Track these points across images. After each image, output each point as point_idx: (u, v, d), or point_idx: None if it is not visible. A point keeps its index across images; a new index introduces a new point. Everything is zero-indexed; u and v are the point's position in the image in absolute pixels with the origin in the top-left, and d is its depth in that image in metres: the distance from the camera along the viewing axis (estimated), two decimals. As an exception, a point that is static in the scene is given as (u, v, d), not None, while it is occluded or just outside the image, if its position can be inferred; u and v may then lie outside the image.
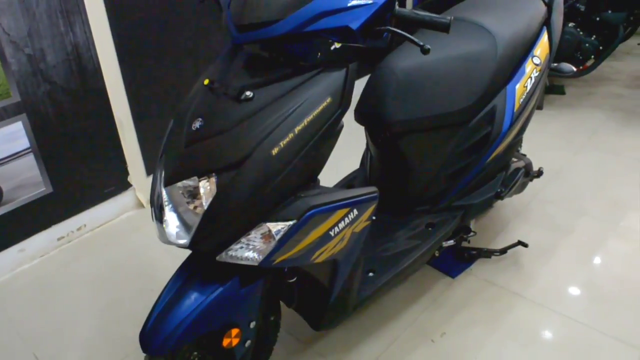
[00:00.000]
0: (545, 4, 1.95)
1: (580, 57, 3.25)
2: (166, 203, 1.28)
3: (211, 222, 1.19)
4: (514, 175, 1.93)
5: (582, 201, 2.46)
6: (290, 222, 1.20)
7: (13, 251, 2.24)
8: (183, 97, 2.65)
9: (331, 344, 1.80)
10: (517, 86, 1.77)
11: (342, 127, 1.30)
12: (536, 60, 1.83)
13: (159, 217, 1.30)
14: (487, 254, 2.07)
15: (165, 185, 1.24)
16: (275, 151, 1.17)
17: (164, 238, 1.28)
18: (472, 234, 1.95)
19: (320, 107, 1.21)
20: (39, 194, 2.24)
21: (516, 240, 2.08)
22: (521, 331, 1.81)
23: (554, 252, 2.15)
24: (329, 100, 1.22)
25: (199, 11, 2.51)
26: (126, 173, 2.52)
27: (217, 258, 1.24)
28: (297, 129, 1.18)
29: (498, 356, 1.73)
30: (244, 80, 1.24)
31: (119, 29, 2.25)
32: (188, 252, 1.35)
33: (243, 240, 1.21)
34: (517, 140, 1.89)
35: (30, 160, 2.16)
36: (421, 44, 1.18)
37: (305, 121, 1.19)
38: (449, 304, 1.94)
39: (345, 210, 1.28)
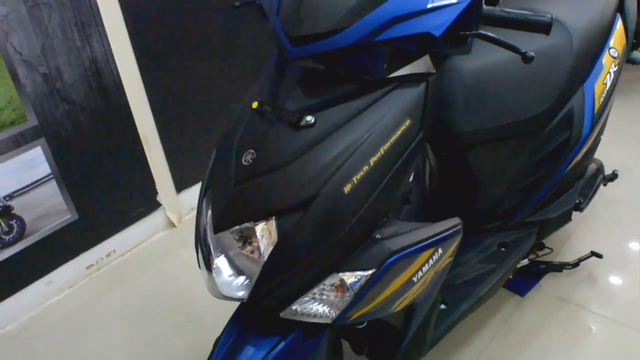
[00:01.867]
0: (619, -13, 1.69)
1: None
2: (216, 251, 1.06)
3: (273, 275, 0.97)
4: (592, 182, 1.68)
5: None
6: (369, 272, 0.97)
7: (40, 284, 2.04)
8: (214, 108, 2.47)
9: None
10: (596, 84, 1.52)
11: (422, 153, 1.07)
12: (613, 53, 1.58)
13: (207, 265, 1.08)
14: (558, 267, 1.83)
15: (216, 232, 1.02)
16: (347, 188, 0.93)
17: (216, 291, 1.06)
18: (548, 251, 1.72)
19: (399, 132, 0.97)
20: (64, 222, 2.03)
21: (588, 251, 1.84)
22: (607, 357, 1.58)
23: (630, 262, 1.90)
24: (408, 122, 0.98)
25: (226, 17, 2.27)
26: (154, 192, 2.30)
27: (281, 314, 1.02)
28: (373, 160, 0.95)
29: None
30: (300, 102, 1.01)
31: (139, 39, 2.02)
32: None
33: (311, 293, 0.99)
34: (596, 144, 1.64)
35: (52, 187, 1.96)
36: (523, 51, 0.94)
37: (382, 150, 0.96)
38: (522, 327, 1.70)
39: (430, 252, 1.05)
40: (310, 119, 0.97)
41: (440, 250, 1.08)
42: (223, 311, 1.95)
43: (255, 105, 1.05)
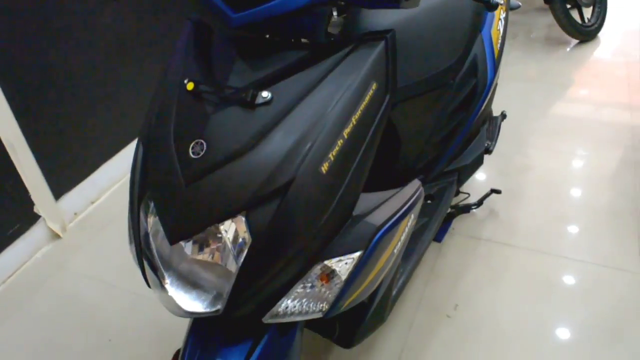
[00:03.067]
0: None
1: None
2: (166, 263, 0.89)
3: (250, 280, 0.83)
4: (494, 124, 1.74)
5: (527, 134, 2.37)
6: (357, 253, 0.88)
7: None
8: (84, 97, 2.12)
9: (347, 351, 1.53)
10: (491, 30, 1.55)
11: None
12: (500, 0, 1.61)
13: (157, 280, 0.91)
14: (466, 209, 1.89)
15: (172, 242, 0.84)
16: (325, 167, 0.82)
17: (177, 308, 0.89)
18: (465, 196, 1.75)
19: (367, 97, 0.87)
20: None
21: (489, 189, 1.92)
22: (528, 282, 1.67)
23: (524, 193, 2.04)
24: (374, 86, 0.88)
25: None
26: (30, 203, 1.95)
27: (264, 320, 0.89)
28: (346, 131, 0.84)
29: (520, 315, 1.57)
30: (246, 77, 0.87)
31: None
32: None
33: (296, 291, 0.87)
34: (495, 89, 1.68)
35: None
36: None
37: (354, 119, 0.85)
38: (447, 272, 1.75)
39: (406, 220, 0.99)
40: (266, 95, 0.84)
41: (412, 216, 1.02)
42: (143, 319, 1.74)
43: (191, 86, 0.88)
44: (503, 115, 1.91)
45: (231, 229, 0.82)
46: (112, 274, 1.89)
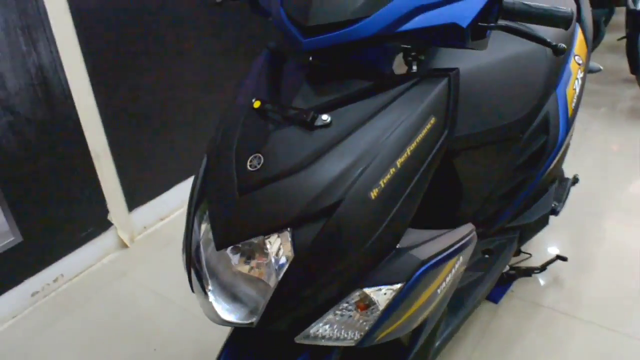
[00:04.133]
0: (575, 0, 1.70)
1: None
2: (212, 271, 0.91)
3: (287, 295, 0.83)
4: (564, 185, 1.66)
5: (603, 204, 2.24)
6: (397, 285, 0.85)
7: (-23, 316, 1.76)
8: (170, 120, 2.27)
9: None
10: (567, 89, 1.50)
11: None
12: (578, 60, 1.57)
13: (202, 287, 0.92)
14: (527, 272, 1.78)
15: (218, 248, 0.86)
16: (374, 193, 0.82)
17: (214, 316, 0.90)
18: (526, 256, 1.67)
19: (425, 131, 0.87)
20: (6, 245, 1.76)
21: (554, 255, 1.82)
22: (585, 358, 1.54)
23: (592, 263, 1.90)
24: (433, 120, 0.88)
25: (185, 18, 2.10)
26: (105, 211, 2.07)
27: (296, 339, 0.87)
28: (400, 161, 0.84)
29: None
30: (310, 100, 0.89)
31: (89, 44, 1.82)
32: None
33: (332, 314, 0.86)
34: (567, 149, 1.62)
35: (-8, 207, 1.70)
36: (553, 43, 0.87)
37: (408, 150, 0.85)
38: (501, 335, 1.64)
39: (454, 260, 0.95)
40: (326, 118, 0.85)
41: (461, 259, 0.98)
42: (189, 336, 1.77)
43: (257, 104, 0.92)
44: (575, 179, 1.82)
45: (276, 243, 0.83)
46: (168, 288, 1.94)
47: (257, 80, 1.00)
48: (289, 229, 0.81)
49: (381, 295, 0.85)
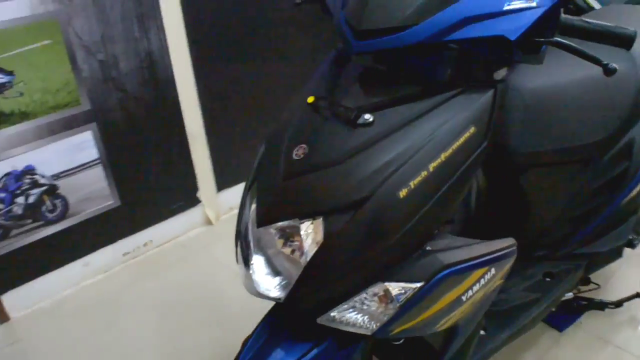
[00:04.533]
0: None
1: None
2: (256, 247, 0.99)
3: (314, 276, 0.88)
4: (646, 219, 1.55)
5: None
6: (417, 284, 0.87)
7: (77, 265, 2.00)
8: (263, 111, 2.41)
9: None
10: (659, 116, 1.39)
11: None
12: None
13: (246, 261, 1.00)
14: (600, 305, 1.67)
15: (259, 225, 0.94)
16: (403, 193, 0.84)
17: (252, 288, 0.97)
18: (594, 286, 1.58)
19: (462, 139, 0.87)
20: (106, 207, 1.99)
21: (634, 292, 1.69)
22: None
23: (678, 307, 1.75)
24: (472, 130, 0.88)
25: (286, 15, 2.22)
26: (195, 188, 2.25)
27: (318, 320, 0.92)
28: (432, 165, 0.86)
29: None
30: (358, 100, 0.93)
31: (195, 34, 1.99)
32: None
33: (353, 301, 0.90)
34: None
35: (98, 171, 1.92)
36: (605, 62, 0.84)
37: (443, 156, 0.86)
38: (558, 365, 1.57)
39: (483, 270, 0.95)
40: (368, 117, 0.89)
41: (492, 270, 0.97)
42: (252, 312, 1.87)
43: (311, 100, 0.98)
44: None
45: (310, 228, 0.89)
46: (240, 266, 2.07)
47: (319, 78, 1.06)
48: (321, 216, 0.87)
49: (400, 291, 0.87)
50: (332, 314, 0.91)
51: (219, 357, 1.67)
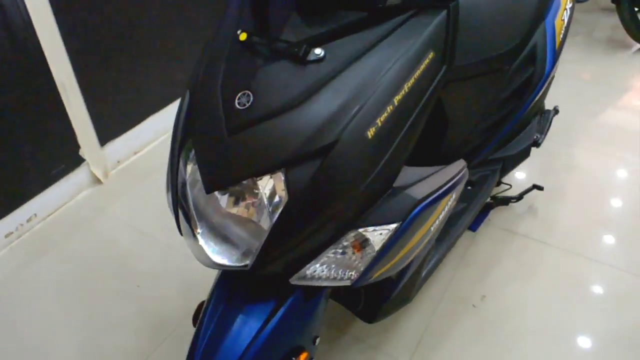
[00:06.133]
0: None
1: None
2: (200, 213, 0.87)
3: (282, 238, 0.80)
4: (546, 117, 1.65)
5: (577, 134, 2.26)
6: (393, 225, 0.84)
7: (-51, 257, 1.70)
8: (142, 50, 2.13)
9: (368, 326, 1.50)
10: (556, 19, 1.45)
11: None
12: None
13: (191, 230, 0.89)
14: (504, 201, 1.82)
15: (208, 191, 0.82)
16: (371, 132, 0.78)
17: (206, 259, 0.87)
18: (506, 187, 1.68)
19: (422, 66, 0.82)
20: (-27, 185, 1.68)
21: (530, 185, 1.84)
22: (559, 282, 1.60)
23: (567, 193, 1.94)
24: (431, 55, 0.83)
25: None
26: (76, 146, 1.98)
27: (291, 281, 0.86)
28: (397, 98, 0.80)
29: (545, 313, 1.51)
30: (301, 33, 0.82)
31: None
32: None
33: (327, 255, 0.84)
34: (552, 81, 1.59)
35: (-46, 145, 1.60)
36: None
37: (406, 87, 0.80)
38: (478, 261, 1.69)
39: (448, 198, 0.94)
40: (319, 52, 0.79)
41: (453, 195, 0.97)
42: (172, 271, 1.76)
43: (243, 36, 0.85)
44: (555, 111, 1.81)
45: (268, 185, 0.80)
46: (147, 223, 1.90)
47: (240, 10, 0.92)
48: (282, 169, 0.78)
49: (377, 235, 0.83)
50: (306, 272, 0.85)
51: (150, 329, 1.54)
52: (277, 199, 0.79)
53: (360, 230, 0.83)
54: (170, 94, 2.31)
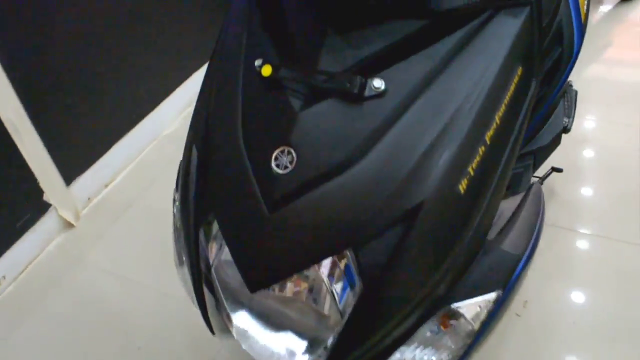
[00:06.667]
0: None
1: None
2: (236, 303, 0.67)
3: (361, 333, 0.61)
4: (570, 97, 1.49)
5: (579, 103, 2.12)
6: (492, 294, 0.65)
7: None
8: (94, 75, 1.82)
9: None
10: (578, -9, 1.28)
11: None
12: None
13: (222, 324, 0.69)
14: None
15: (252, 290, 0.61)
16: (463, 185, 0.59)
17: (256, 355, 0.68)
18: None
19: (512, 86, 0.63)
20: None
21: (549, 168, 1.69)
22: (595, 271, 1.47)
23: (589, 173, 1.81)
24: (519, 71, 0.64)
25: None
26: (39, 191, 1.71)
27: None
28: (488, 135, 0.61)
29: (597, 309, 1.38)
30: (345, 58, 0.62)
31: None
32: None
33: (414, 343, 0.65)
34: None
35: None
36: None
37: (497, 119, 0.61)
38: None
39: None
40: (379, 84, 0.59)
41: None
42: (173, 322, 1.53)
43: (267, 71, 0.63)
44: (570, 86, 1.66)
45: (332, 269, 0.60)
46: (134, 268, 1.66)
47: (247, 28, 0.70)
48: (349, 249, 0.58)
49: (475, 310, 0.65)
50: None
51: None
52: (345, 285, 0.60)
53: (453, 306, 0.64)
54: (133, 117, 2.05)
